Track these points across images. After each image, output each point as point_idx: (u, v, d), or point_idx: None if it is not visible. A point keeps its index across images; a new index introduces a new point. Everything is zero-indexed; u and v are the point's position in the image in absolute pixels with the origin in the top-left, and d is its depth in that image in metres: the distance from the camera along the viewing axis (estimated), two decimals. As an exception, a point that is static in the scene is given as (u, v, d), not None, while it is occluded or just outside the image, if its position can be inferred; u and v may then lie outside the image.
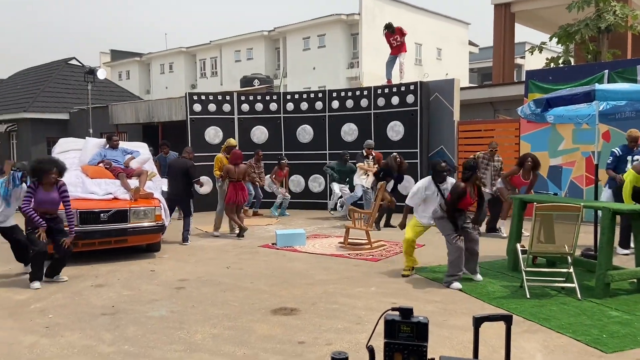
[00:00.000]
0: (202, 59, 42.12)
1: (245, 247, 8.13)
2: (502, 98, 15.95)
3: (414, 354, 1.12)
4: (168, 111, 15.36)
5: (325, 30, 33.23)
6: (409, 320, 1.13)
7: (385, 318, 1.13)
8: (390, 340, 1.12)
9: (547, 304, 4.99)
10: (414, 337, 1.13)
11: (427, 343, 1.12)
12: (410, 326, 1.13)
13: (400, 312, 1.14)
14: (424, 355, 1.12)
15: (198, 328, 4.43)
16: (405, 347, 1.11)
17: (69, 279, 6.14)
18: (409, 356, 1.12)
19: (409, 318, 1.13)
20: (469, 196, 5.74)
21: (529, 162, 8.30)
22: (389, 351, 1.12)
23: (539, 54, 18.95)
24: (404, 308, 1.14)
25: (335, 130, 12.53)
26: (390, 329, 1.13)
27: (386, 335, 1.13)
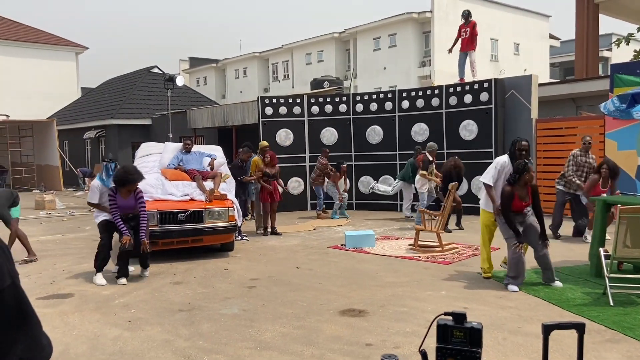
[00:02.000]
0: (275, 62, 43.11)
1: (315, 247, 8.23)
2: (585, 94, 15.03)
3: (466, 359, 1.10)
4: (241, 115, 15.86)
5: (396, 29, 32.90)
6: (462, 325, 1.11)
7: (437, 322, 1.12)
8: (442, 345, 1.11)
9: (632, 312, 4.66)
10: (467, 342, 1.11)
11: (480, 349, 1.10)
12: (464, 331, 1.11)
13: (454, 317, 1.13)
14: (477, 362, 1.10)
15: (268, 326, 4.55)
16: (457, 353, 1.10)
17: (150, 275, 6.51)
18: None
19: (462, 323, 1.11)
20: (517, 199, 5.49)
21: (604, 170, 7.64)
22: (441, 356, 1.11)
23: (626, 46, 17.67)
24: (457, 313, 1.12)
25: (406, 130, 12.37)
26: (443, 333, 1.11)
27: (438, 340, 1.12)
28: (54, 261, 7.63)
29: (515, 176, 5.53)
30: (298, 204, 12.92)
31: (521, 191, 5.55)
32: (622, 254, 5.19)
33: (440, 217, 7.93)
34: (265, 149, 9.91)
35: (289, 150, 12.86)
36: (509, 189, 5.51)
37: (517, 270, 5.53)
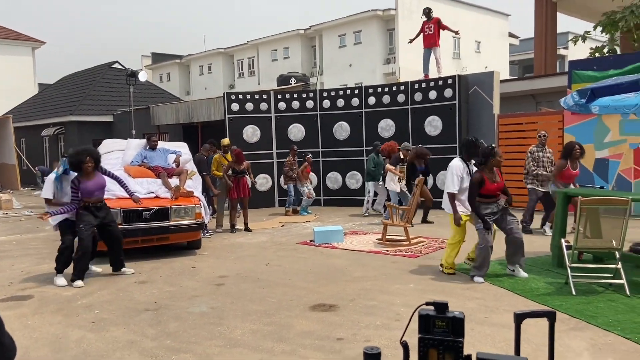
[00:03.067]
0: (240, 59, 42.66)
1: (284, 244, 8.19)
2: (544, 90, 15.49)
3: (449, 349, 1.09)
4: (207, 111, 15.64)
5: (361, 26, 33.05)
6: (444, 315, 1.10)
7: (419, 313, 1.11)
8: (424, 336, 1.10)
9: (593, 300, 4.82)
10: (450, 332, 1.10)
11: (463, 339, 1.09)
12: (446, 321, 1.10)
13: (435, 306, 1.12)
14: (460, 351, 1.10)
15: (237, 324, 4.49)
16: (440, 343, 1.09)
17: (114, 275, 6.34)
18: (445, 352, 1.09)
19: (444, 313, 1.11)
20: (488, 182, 5.57)
21: (578, 151, 7.74)
22: (423, 347, 1.10)
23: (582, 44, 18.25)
24: (439, 303, 1.11)
25: (372, 126, 12.45)
26: (425, 324, 1.10)
27: (420, 331, 1.11)
28: (12, 262, 7.34)
29: (483, 159, 5.63)
30: (266, 201, 12.84)
31: (489, 174, 5.65)
32: (583, 244, 5.35)
33: (408, 211, 8.01)
34: (228, 146, 9.80)
35: (256, 147, 12.77)
36: (478, 175, 5.59)
37: (482, 261, 5.64)
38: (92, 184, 6.03)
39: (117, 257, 6.39)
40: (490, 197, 5.66)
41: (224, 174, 9.29)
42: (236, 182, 9.23)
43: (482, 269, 5.67)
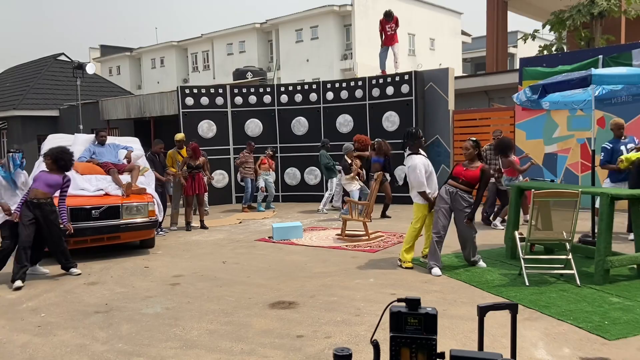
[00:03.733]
0: (194, 52, 41.79)
1: (242, 241, 8.04)
2: (496, 87, 15.90)
3: (422, 348, 1.04)
4: (160, 105, 15.21)
5: (318, 21, 32.99)
6: (417, 311, 1.05)
7: (390, 310, 1.05)
8: (396, 334, 1.04)
9: (546, 291, 4.94)
10: (422, 329, 1.04)
11: (436, 336, 1.04)
12: (418, 318, 1.05)
13: (407, 303, 1.06)
14: (433, 349, 1.04)
15: (194, 324, 4.34)
16: (413, 341, 1.03)
17: (61, 276, 6.03)
18: (417, 351, 1.04)
19: (417, 309, 1.05)
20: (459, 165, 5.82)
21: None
22: (395, 346, 1.04)
23: (531, 42, 18.89)
24: (411, 299, 1.06)
25: (331, 121, 12.43)
26: (397, 321, 1.04)
27: (392, 329, 1.05)
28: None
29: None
30: (223, 198, 12.61)
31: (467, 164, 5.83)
32: (535, 236, 5.48)
33: (367, 206, 8.02)
34: (182, 141, 9.54)
35: (212, 142, 12.51)
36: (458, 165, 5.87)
37: (437, 254, 5.76)
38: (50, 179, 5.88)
39: (61, 258, 6.08)
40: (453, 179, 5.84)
41: (179, 171, 9.03)
42: (191, 178, 9.00)
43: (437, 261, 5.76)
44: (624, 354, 3.52)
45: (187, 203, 9.16)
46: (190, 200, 9.13)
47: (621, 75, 5.95)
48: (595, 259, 5.23)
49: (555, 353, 3.58)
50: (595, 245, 5.43)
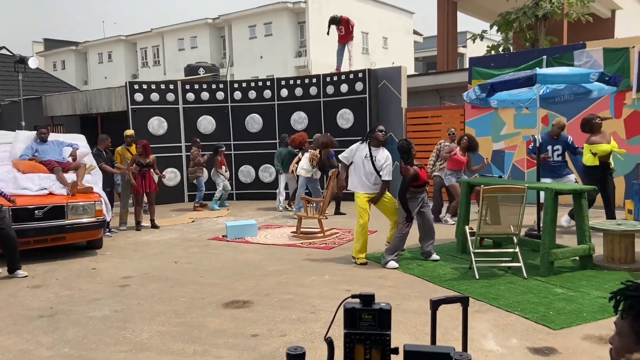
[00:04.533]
0: (144, 47, 40.66)
1: (194, 240, 7.89)
2: (447, 85, 16.27)
3: (376, 343, 1.03)
4: (107, 101, 14.69)
5: (272, 18, 32.79)
6: (371, 307, 1.04)
7: (344, 306, 1.04)
8: (350, 331, 1.03)
9: (495, 283, 5.10)
10: (376, 325, 1.04)
11: (390, 331, 1.04)
12: (372, 314, 1.04)
13: (361, 299, 1.05)
14: (387, 345, 1.04)
15: (144, 326, 4.21)
16: (367, 337, 1.02)
17: (2, 279, 5.73)
18: (371, 347, 1.03)
19: (371, 305, 1.04)
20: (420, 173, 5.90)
21: (465, 141, 8.37)
22: (349, 342, 1.03)
23: (480, 42, 19.46)
24: (365, 294, 1.05)
25: (285, 118, 12.36)
26: (351, 318, 1.03)
27: (346, 325, 1.04)
28: None
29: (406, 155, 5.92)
30: (174, 196, 12.32)
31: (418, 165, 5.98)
32: (484, 230, 5.65)
33: (322, 203, 8.03)
34: (131, 137, 9.25)
35: (163, 140, 12.18)
36: (413, 171, 5.83)
37: (397, 247, 5.89)
38: None
39: (10, 260, 5.81)
40: (422, 187, 5.98)
41: (128, 168, 8.75)
42: (141, 177, 8.74)
43: (395, 255, 5.89)
44: (568, 343, 3.67)
45: (137, 202, 8.90)
46: (140, 199, 8.87)
47: (564, 75, 6.20)
48: (540, 251, 5.44)
49: (503, 344, 3.70)
50: (540, 238, 5.65)
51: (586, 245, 5.56)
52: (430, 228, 6.13)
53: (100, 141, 8.96)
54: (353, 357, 1.02)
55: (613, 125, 9.31)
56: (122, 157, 9.06)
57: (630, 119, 9.20)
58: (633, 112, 9.16)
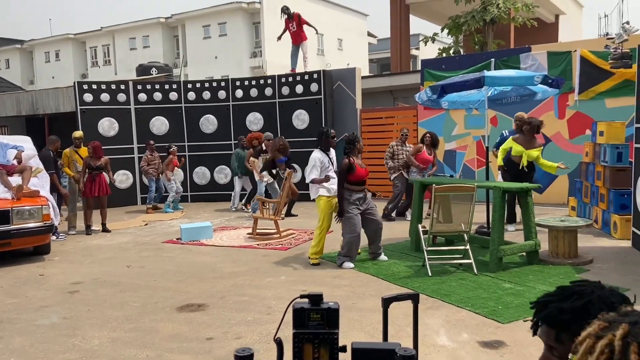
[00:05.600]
0: (93, 46, 39.35)
1: (148, 244, 7.71)
2: (400, 87, 16.57)
3: (324, 342, 1.05)
4: (55, 102, 14.18)
5: (226, 18, 32.42)
6: (319, 307, 1.06)
7: (293, 306, 1.06)
8: (299, 330, 1.05)
9: (447, 280, 5.24)
10: (325, 324, 1.06)
11: (338, 330, 1.06)
12: (321, 313, 1.06)
13: (310, 298, 1.07)
14: (335, 343, 1.06)
15: (95, 333, 4.10)
16: (315, 337, 1.04)
17: (-61, 291, 5.44)
18: (320, 346, 1.05)
19: (319, 305, 1.07)
20: (358, 167, 5.85)
21: (428, 137, 8.63)
22: (298, 342, 1.05)
23: (432, 45, 19.90)
24: (313, 294, 1.07)
25: (240, 119, 12.27)
26: (299, 317, 1.05)
27: (295, 325, 1.05)
28: None
29: (350, 147, 5.88)
30: (127, 199, 12.01)
31: (358, 161, 5.93)
32: (437, 228, 5.79)
33: (277, 204, 8.02)
34: (80, 139, 8.95)
35: (114, 141, 11.86)
36: (347, 161, 5.81)
37: (351, 248, 5.90)
38: None
39: None
40: (360, 184, 5.91)
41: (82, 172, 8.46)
42: (91, 180, 8.47)
43: (351, 256, 5.92)
44: (515, 336, 3.82)
45: (87, 205, 8.61)
46: (90, 202, 8.59)
47: (510, 77, 6.45)
48: (489, 248, 5.63)
49: (455, 339, 3.81)
50: (490, 235, 5.85)
51: (532, 241, 5.80)
52: (377, 233, 6.08)
53: (49, 142, 8.65)
54: (302, 356, 1.04)
55: (557, 126, 9.75)
56: (69, 159, 8.75)
57: (573, 120, 9.65)
58: (575, 113, 9.61)
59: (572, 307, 1.18)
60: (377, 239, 6.12)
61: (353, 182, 5.82)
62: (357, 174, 5.80)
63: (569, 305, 1.20)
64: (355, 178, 5.81)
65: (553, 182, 9.79)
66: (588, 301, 1.18)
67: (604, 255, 6.01)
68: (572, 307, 1.19)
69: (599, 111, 9.18)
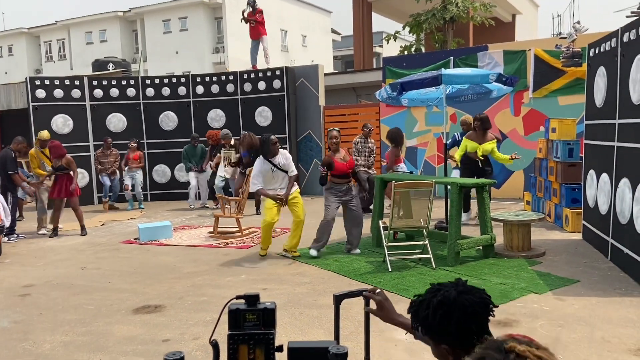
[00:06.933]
0: (48, 40, 38.05)
1: (104, 244, 7.51)
2: (363, 84, 16.68)
3: (260, 343, 1.04)
4: (6, 98, 13.63)
5: (187, 12, 31.88)
6: (255, 307, 1.05)
7: (229, 308, 1.04)
8: (234, 332, 1.03)
9: (406, 275, 5.31)
10: (261, 325, 1.05)
11: (274, 330, 1.05)
12: (256, 314, 1.05)
13: (246, 299, 1.06)
14: (270, 344, 1.05)
15: (46, 337, 3.96)
16: (250, 337, 1.03)
17: None
18: (255, 346, 1.04)
19: (255, 305, 1.05)
20: (337, 163, 6.04)
21: None
22: (233, 343, 1.04)
23: (394, 42, 20.10)
24: (250, 295, 1.06)
25: (202, 116, 12.08)
26: (235, 319, 1.04)
27: (230, 327, 1.04)
28: None
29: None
30: (82, 198, 11.55)
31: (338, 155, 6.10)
32: (397, 224, 5.86)
33: (239, 202, 7.94)
34: (47, 140, 8.62)
35: (69, 139, 11.45)
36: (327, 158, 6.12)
37: (322, 233, 6.12)
38: None
39: None
40: (342, 177, 6.08)
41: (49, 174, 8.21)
42: (55, 181, 8.15)
43: (319, 242, 6.12)
44: (470, 327, 3.90)
45: (55, 207, 8.27)
46: (57, 204, 8.26)
47: (467, 75, 6.58)
48: (447, 242, 5.74)
49: (412, 332, 3.86)
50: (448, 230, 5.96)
51: (488, 235, 5.94)
52: (353, 223, 6.25)
53: (15, 142, 8.29)
54: (237, 357, 1.03)
55: (513, 123, 10.02)
56: (38, 160, 8.49)
57: (528, 117, 9.93)
58: (530, 110, 9.89)
59: (432, 317, 1.28)
60: (355, 231, 6.26)
61: (335, 175, 6.08)
62: (337, 169, 6.04)
63: (427, 313, 1.31)
64: (336, 172, 6.05)
65: (509, 177, 10.07)
66: (447, 311, 1.30)
67: (555, 248, 6.22)
68: (431, 317, 1.29)
69: (552, 108, 9.48)
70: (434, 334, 1.27)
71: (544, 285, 4.85)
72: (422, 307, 1.30)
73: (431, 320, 1.26)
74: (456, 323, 1.16)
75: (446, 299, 1.29)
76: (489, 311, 1.32)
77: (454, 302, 1.25)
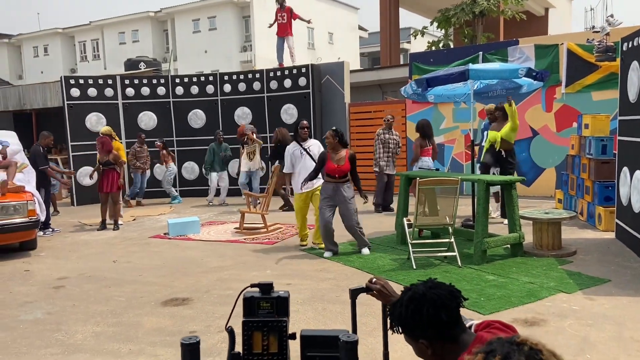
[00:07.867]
0: (82, 41, 39.03)
1: (135, 239, 7.70)
2: (389, 80, 16.57)
3: (273, 330, 1.07)
4: (42, 97, 14.07)
5: (216, 12, 32.25)
6: (269, 295, 1.08)
7: (244, 296, 1.07)
8: (248, 319, 1.07)
9: (431, 273, 5.27)
10: (274, 312, 1.08)
11: (287, 318, 1.08)
12: (270, 302, 1.08)
13: (260, 288, 1.09)
14: (283, 331, 1.08)
15: (78, 328, 4.10)
16: (264, 324, 1.06)
17: None
18: (269, 333, 1.07)
19: (269, 293, 1.08)
20: (330, 162, 5.96)
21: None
22: (247, 330, 1.07)
23: (421, 38, 19.90)
24: (264, 284, 1.09)
25: (229, 114, 12.24)
26: (249, 306, 1.07)
27: (245, 314, 1.07)
28: None
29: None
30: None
31: (334, 155, 6.00)
32: (422, 222, 5.83)
33: (265, 199, 8.03)
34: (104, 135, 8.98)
35: (102, 136, 11.78)
36: (324, 153, 6.11)
37: (326, 238, 6.11)
38: None
39: None
40: (330, 177, 6.02)
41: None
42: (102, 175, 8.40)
43: (328, 248, 6.13)
44: (494, 325, 3.86)
45: (101, 201, 8.53)
46: (103, 198, 8.48)
47: (495, 70, 6.47)
48: (474, 241, 5.67)
49: (436, 329, 3.84)
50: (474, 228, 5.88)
51: (516, 233, 5.84)
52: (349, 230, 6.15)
53: (42, 138, 8.60)
54: (252, 344, 1.06)
55: (544, 119, 9.81)
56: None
57: (560, 113, 9.71)
58: (562, 105, 9.66)
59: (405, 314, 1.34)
60: (350, 232, 6.20)
61: (326, 174, 6.07)
62: (326, 166, 6.01)
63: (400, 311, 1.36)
64: (326, 170, 6.03)
65: (540, 174, 9.87)
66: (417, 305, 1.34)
67: (587, 247, 6.08)
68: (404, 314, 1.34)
69: (586, 104, 9.24)
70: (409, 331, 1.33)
71: (573, 284, 4.75)
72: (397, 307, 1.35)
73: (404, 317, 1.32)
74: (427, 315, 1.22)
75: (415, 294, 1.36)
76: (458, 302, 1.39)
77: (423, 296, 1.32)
